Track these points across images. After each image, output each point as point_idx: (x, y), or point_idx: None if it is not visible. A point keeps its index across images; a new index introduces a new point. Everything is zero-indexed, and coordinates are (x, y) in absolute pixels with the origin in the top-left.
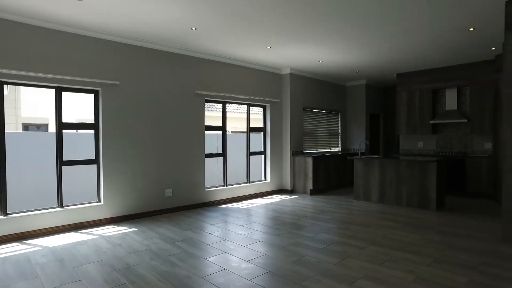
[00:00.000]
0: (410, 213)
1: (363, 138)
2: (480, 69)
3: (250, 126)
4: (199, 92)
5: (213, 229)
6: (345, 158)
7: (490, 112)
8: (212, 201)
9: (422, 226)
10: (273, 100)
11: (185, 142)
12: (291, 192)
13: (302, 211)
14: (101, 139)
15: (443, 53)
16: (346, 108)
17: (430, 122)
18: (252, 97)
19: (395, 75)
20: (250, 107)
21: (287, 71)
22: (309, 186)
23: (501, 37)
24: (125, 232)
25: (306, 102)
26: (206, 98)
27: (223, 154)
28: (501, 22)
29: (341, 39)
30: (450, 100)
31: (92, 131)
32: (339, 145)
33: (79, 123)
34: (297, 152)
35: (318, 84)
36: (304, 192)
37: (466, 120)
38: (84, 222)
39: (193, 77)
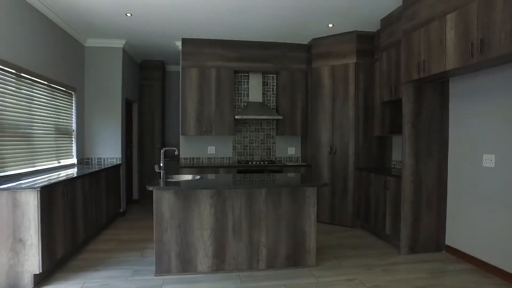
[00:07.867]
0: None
1: (117, 139)
2: (292, 53)
3: None
4: None
5: None
6: (98, 177)
7: (302, 110)
8: None
9: None
10: None
11: None
12: None
13: None
14: None
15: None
16: (84, 86)
17: (236, 117)
18: None
19: (180, 41)
20: None
21: None
22: (34, 264)
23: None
24: None
25: (4, 52)
26: None
27: None
28: None
29: None
30: (255, 88)
31: None
32: (74, 153)
33: None
34: None
35: (38, 24)
36: (15, 285)
37: (281, 117)
38: None
39: None
